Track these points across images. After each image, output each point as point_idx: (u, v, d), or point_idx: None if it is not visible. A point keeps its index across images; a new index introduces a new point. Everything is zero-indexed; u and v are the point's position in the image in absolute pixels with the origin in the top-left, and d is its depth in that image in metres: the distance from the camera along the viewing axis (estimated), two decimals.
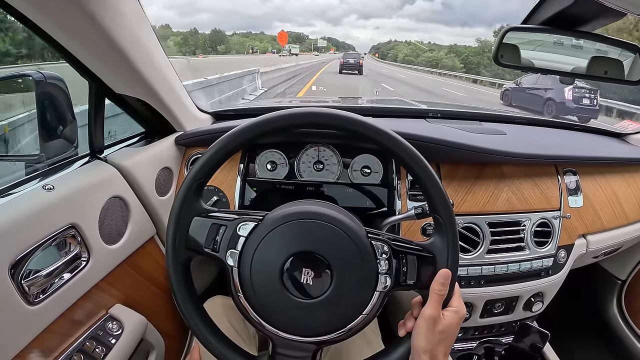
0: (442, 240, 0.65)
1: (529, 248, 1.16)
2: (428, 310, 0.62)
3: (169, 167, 1.10)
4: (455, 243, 0.65)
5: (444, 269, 0.64)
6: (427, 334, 0.61)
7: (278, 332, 0.63)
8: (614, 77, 1.08)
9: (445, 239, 0.65)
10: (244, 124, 0.66)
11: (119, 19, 0.77)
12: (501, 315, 1.24)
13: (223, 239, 0.65)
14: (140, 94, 0.98)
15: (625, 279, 1.71)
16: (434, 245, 0.66)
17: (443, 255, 0.65)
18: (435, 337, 0.61)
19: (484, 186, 1.15)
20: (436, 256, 0.65)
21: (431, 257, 0.65)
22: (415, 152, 0.65)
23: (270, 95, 11.94)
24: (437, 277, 0.63)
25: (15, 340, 0.65)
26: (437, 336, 0.61)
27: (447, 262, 0.65)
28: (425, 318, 0.62)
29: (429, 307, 0.62)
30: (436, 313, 0.62)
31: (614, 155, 1.39)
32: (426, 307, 0.63)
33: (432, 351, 0.61)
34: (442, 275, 0.63)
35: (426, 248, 0.66)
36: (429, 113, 1.51)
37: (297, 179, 1.15)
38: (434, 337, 0.61)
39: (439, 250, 0.65)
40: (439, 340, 0.62)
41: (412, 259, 0.65)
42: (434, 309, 0.62)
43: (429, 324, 0.61)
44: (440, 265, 0.64)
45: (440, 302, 0.63)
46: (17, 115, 1.45)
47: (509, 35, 1.01)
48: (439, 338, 0.61)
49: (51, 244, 0.72)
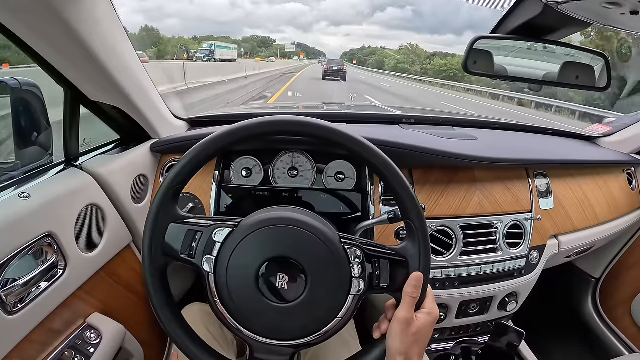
0: (414, 244, 0.68)
1: (502, 249, 1.21)
2: (401, 313, 0.65)
3: (144, 175, 1.11)
4: (426, 247, 0.68)
5: (416, 272, 0.67)
6: (401, 335, 0.64)
7: (255, 337, 0.65)
8: (585, 83, 1.13)
9: (417, 243, 0.68)
10: (218, 132, 0.68)
11: (94, 26, 0.78)
12: (476, 316, 1.29)
13: (199, 245, 0.66)
14: (115, 101, 0.99)
15: (599, 277, 1.80)
16: (406, 249, 0.69)
17: (415, 258, 0.68)
18: (409, 339, 0.64)
19: (456, 190, 1.19)
20: (408, 260, 0.68)
21: (404, 261, 0.68)
22: (385, 158, 0.68)
23: None
24: (410, 280, 0.66)
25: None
26: (410, 338, 0.64)
27: (419, 265, 0.68)
28: (399, 320, 0.65)
29: (402, 309, 0.65)
30: (409, 315, 0.65)
31: (584, 158, 1.46)
32: (399, 309, 0.66)
33: (406, 353, 0.64)
34: (415, 278, 0.66)
35: (398, 252, 0.69)
36: (403, 119, 1.54)
37: (271, 186, 1.18)
38: (407, 338, 0.64)
39: (411, 254, 0.68)
40: (413, 341, 0.64)
41: (384, 263, 0.67)
42: (407, 311, 0.65)
43: (403, 326, 0.64)
44: (413, 269, 0.67)
45: (413, 305, 0.66)
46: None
47: (478, 44, 1.06)
48: (412, 339, 0.64)
49: (27, 252, 0.73)
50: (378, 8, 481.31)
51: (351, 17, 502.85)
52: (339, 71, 27.65)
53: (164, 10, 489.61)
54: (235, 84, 16.79)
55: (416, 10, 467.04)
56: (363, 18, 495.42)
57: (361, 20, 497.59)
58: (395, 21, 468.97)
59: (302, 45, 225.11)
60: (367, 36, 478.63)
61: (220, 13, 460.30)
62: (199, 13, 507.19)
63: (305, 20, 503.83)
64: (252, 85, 17.41)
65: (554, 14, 0.91)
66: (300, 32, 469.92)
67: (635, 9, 0.75)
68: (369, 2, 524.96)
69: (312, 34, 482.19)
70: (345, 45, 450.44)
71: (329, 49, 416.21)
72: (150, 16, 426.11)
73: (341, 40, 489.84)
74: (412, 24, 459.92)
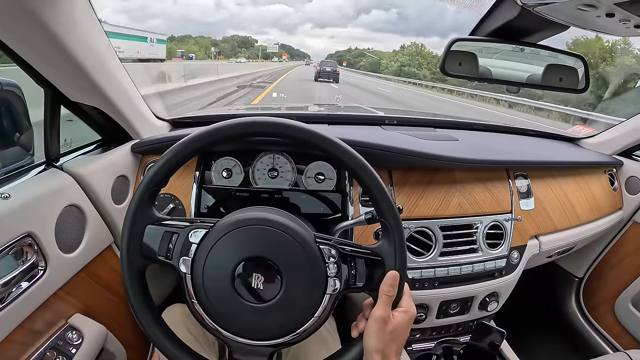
0: (390, 243, 0.70)
1: (482, 250, 1.24)
2: (378, 311, 0.66)
3: (125, 175, 1.12)
4: (402, 245, 0.70)
5: (392, 270, 0.68)
6: (378, 334, 0.65)
7: (233, 337, 0.67)
8: (568, 86, 1.16)
9: (393, 242, 0.70)
10: (194, 133, 0.70)
11: (72, 28, 0.79)
12: (457, 316, 1.31)
13: (176, 246, 0.68)
14: (95, 102, 1.00)
15: (582, 277, 1.85)
16: (382, 248, 0.70)
17: (391, 257, 0.69)
18: (386, 337, 0.65)
19: (436, 191, 1.22)
20: (384, 259, 0.70)
21: (379, 260, 0.70)
22: (361, 160, 0.70)
23: None
24: (386, 279, 0.68)
25: None
26: (387, 336, 0.65)
27: (395, 264, 0.69)
28: (376, 319, 0.66)
29: (379, 308, 0.67)
30: (386, 314, 0.66)
31: (566, 159, 1.50)
32: (376, 308, 0.67)
33: (383, 351, 0.65)
34: (390, 276, 0.68)
35: (374, 251, 0.70)
36: (385, 120, 1.56)
37: (252, 187, 1.19)
38: (384, 337, 0.65)
39: (386, 253, 0.70)
40: (390, 339, 0.66)
41: (360, 262, 0.69)
42: (384, 310, 0.66)
43: (380, 324, 0.66)
44: (389, 268, 0.69)
45: (389, 303, 0.67)
46: None
47: (456, 45, 1.08)
48: (389, 337, 0.65)
49: (7, 252, 0.74)
50: (363, 10, 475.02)
51: (336, 19, 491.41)
52: (332, 72, 27.32)
53: (148, 10, 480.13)
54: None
55: (401, 13, 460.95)
56: (348, 20, 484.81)
57: (346, 22, 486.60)
58: (379, 24, 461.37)
59: (286, 46, 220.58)
60: (352, 38, 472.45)
61: (204, 14, 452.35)
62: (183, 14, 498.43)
63: (289, 21, 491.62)
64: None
65: (531, 16, 0.93)
66: (285, 34, 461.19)
67: (611, 11, 0.76)
68: (353, 4, 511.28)
69: (297, 35, 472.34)
70: (330, 48, 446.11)
71: (313, 50, 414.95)
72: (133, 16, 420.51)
73: (326, 42, 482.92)
74: (396, 26, 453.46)
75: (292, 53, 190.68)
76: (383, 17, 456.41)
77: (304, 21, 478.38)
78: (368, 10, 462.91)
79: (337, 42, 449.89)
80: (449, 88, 25.30)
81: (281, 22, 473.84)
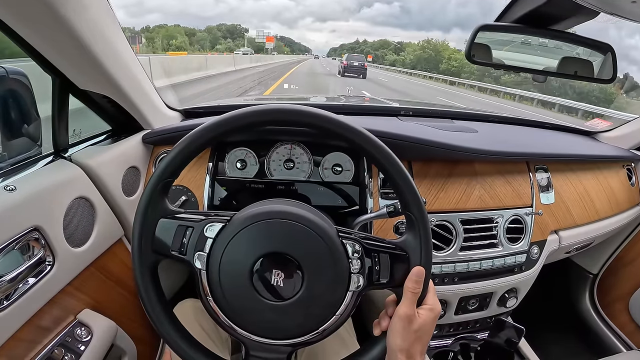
0: (415, 238, 0.65)
1: (502, 244, 1.20)
2: (403, 309, 0.63)
3: (136, 166, 1.08)
4: (428, 240, 0.65)
5: (417, 266, 0.64)
6: (403, 332, 0.62)
7: (250, 336, 0.63)
8: (585, 75, 1.11)
9: (418, 237, 0.65)
10: (210, 121, 0.65)
11: (82, 11, 0.75)
12: (476, 312, 1.28)
13: (190, 241, 0.64)
14: (104, 90, 0.96)
15: (597, 273, 1.80)
16: (407, 243, 0.66)
17: (416, 252, 0.65)
18: (411, 336, 0.62)
19: (457, 184, 1.18)
20: (409, 254, 0.65)
21: (404, 255, 0.65)
22: (386, 149, 0.65)
23: None
24: (411, 275, 0.64)
25: None
26: (412, 335, 0.62)
27: (420, 259, 0.65)
28: (400, 317, 0.62)
29: (404, 305, 0.63)
30: (411, 311, 0.63)
31: (585, 153, 1.45)
32: (400, 305, 0.63)
33: (408, 350, 0.62)
34: (416, 273, 0.63)
35: (399, 246, 0.66)
36: (401, 111, 1.52)
37: (267, 178, 1.16)
38: (409, 335, 0.62)
39: (411, 248, 0.65)
40: (415, 338, 0.62)
41: (384, 258, 0.65)
42: (409, 308, 0.63)
43: (404, 322, 0.62)
44: (414, 263, 0.65)
45: (414, 300, 0.64)
46: None
47: (480, 33, 1.03)
48: (414, 336, 0.62)
49: (14, 247, 0.70)
50: (365, 4, 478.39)
51: (337, 13, 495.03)
52: (360, 67, 25.54)
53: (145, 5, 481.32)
54: None
55: (403, 7, 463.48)
56: (349, 14, 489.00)
57: (347, 16, 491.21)
58: (381, 17, 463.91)
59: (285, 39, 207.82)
60: (353, 32, 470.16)
61: (203, 8, 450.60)
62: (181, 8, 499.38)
63: (290, 15, 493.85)
64: None
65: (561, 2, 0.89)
66: (286, 28, 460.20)
67: None
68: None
69: (298, 29, 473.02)
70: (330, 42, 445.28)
71: (313, 44, 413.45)
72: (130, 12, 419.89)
73: (327, 37, 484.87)
74: (399, 20, 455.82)
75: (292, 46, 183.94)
76: (385, 10, 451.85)
77: (305, 15, 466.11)
78: (370, 3, 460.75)
79: (338, 37, 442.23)
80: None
81: (281, 15, 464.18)
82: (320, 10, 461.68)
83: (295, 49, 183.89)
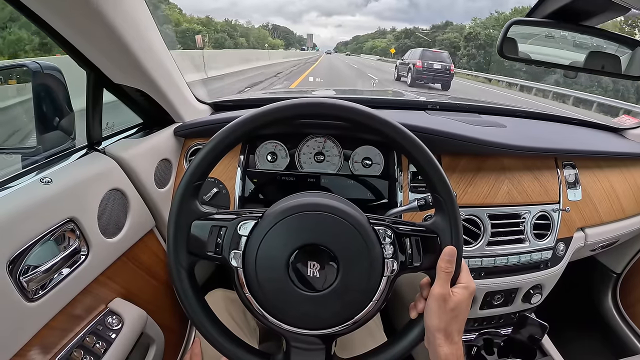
0: (444, 219, 0.65)
1: (529, 240, 1.16)
2: (437, 289, 0.62)
3: (168, 159, 1.08)
4: (457, 220, 0.65)
5: (448, 246, 0.63)
6: (439, 312, 0.61)
7: (290, 328, 0.62)
8: (611, 71, 1.10)
9: (447, 217, 0.65)
10: (247, 114, 0.64)
11: (119, 5, 0.74)
12: (500, 307, 1.24)
13: (225, 240, 0.64)
14: (139, 84, 0.95)
15: (620, 273, 1.73)
16: (437, 224, 0.65)
17: (446, 233, 0.64)
18: (447, 315, 0.61)
19: (485, 178, 1.15)
20: (439, 235, 0.65)
21: (434, 237, 0.65)
22: (415, 139, 0.64)
23: None
24: (443, 255, 0.63)
25: (15, 337, 0.63)
26: (449, 314, 0.61)
27: (451, 239, 0.64)
28: (435, 297, 0.62)
29: (438, 285, 0.62)
30: (445, 291, 0.62)
31: (612, 150, 1.38)
32: (435, 286, 0.62)
33: (445, 329, 0.61)
34: (448, 252, 0.63)
35: (429, 228, 0.65)
36: (428, 105, 1.49)
37: (297, 171, 1.14)
38: (446, 315, 0.61)
39: (441, 229, 0.65)
40: (451, 317, 0.61)
41: (416, 241, 0.64)
42: (443, 287, 0.62)
43: (440, 302, 0.61)
44: (445, 243, 0.64)
45: (448, 280, 0.63)
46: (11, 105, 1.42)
47: (513, 28, 1.01)
48: (451, 315, 0.61)
49: (49, 238, 0.70)
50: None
51: (343, 7, 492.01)
52: (443, 72, 15.00)
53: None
54: None
55: (412, 0, 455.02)
56: (356, 8, 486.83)
57: (354, 10, 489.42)
58: (389, 12, 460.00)
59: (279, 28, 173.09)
60: (358, 27, 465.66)
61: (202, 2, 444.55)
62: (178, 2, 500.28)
63: (294, 8, 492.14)
64: None
65: None
66: (290, 23, 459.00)
67: None
68: None
69: (302, 24, 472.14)
70: (336, 37, 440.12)
71: (319, 40, 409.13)
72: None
73: (332, 32, 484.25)
74: (406, 14, 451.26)
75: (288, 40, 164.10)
76: (393, 4, 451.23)
77: (310, 9, 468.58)
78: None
79: (344, 32, 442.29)
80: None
81: (285, 9, 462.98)
82: (325, 4, 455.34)
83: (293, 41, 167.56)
